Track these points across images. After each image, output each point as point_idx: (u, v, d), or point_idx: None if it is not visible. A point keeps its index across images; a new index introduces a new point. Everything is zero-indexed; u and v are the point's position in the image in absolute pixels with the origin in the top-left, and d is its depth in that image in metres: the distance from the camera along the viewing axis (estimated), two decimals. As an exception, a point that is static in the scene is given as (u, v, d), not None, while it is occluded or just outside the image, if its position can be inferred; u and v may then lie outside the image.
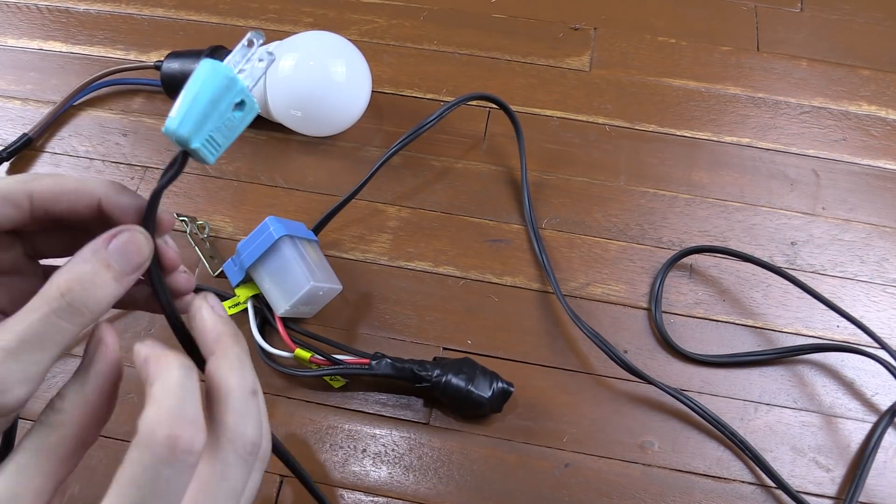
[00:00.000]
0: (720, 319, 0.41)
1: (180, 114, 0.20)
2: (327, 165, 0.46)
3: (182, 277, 0.24)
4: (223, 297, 0.40)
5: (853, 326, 0.40)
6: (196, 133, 0.21)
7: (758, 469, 0.37)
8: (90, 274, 0.20)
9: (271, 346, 0.38)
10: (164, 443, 0.18)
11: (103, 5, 0.53)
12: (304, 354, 0.38)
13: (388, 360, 0.37)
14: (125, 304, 0.24)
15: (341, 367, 0.37)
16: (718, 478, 0.37)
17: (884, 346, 0.39)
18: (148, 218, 0.22)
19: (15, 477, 0.19)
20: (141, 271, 0.21)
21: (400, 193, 0.45)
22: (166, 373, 0.20)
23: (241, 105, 0.22)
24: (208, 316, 0.22)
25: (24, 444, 0.19)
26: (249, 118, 0.22)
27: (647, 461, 0.37)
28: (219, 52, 0.45)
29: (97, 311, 0.20)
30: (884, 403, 0.39)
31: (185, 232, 0.43)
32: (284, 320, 0.39)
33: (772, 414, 0.39)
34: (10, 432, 0.27)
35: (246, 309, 0.39)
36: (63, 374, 0.39)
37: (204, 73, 0.21)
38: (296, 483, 0.36)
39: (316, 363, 0.38)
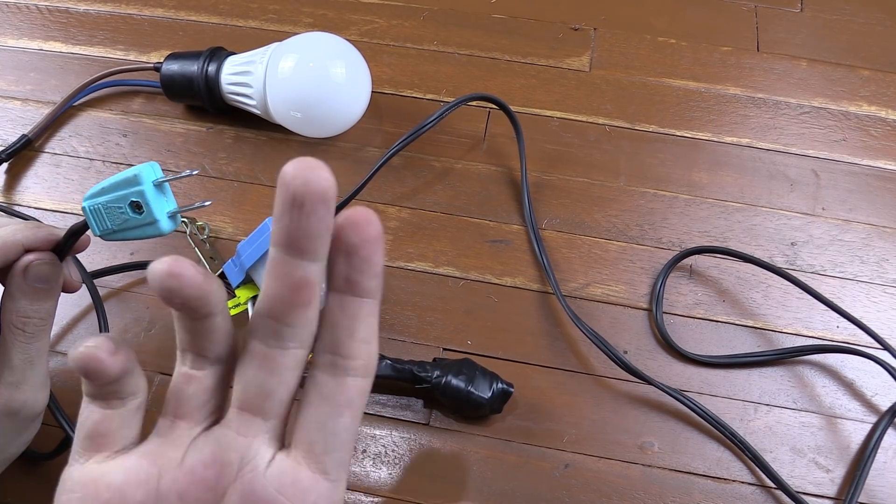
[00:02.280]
0: (720, 320, 0.41)
1: (97, 185, 0.25)
2: (327, 166, 0.46)
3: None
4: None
5: (853, 327, 0.40)
6: (90, 197, 0.25)
7: (757, 469, 0.37)
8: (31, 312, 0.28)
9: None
10: None
11: (103, 5, 0.53)
12: (305, 355, 0.38)
13: (388, 361, 0.37)
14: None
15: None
16: (718, 478, 0.37)
17: (884, 346, 0.39)
18: (63, 246, 0.28)
19: None
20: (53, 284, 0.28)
21: (400, 194, 0.45)
22: None
23: (139, 209, 0.24)
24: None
25: None
26: (150, 231, 0.25)
27: (646, 462, 0.37)
28: (218, 53, 0.45)
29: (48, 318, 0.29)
30: (884, 404, 0.39)
31: (185, 233, 0.43)
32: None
33: (772, 414, 0.39)
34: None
35: (246, 310, 0.39)
36: (59, 373, 0.39)
37: (136, 167, 0.24)
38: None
39: (316, 364, 0.38)
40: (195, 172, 0.25)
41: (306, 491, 0.20)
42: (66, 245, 0.28)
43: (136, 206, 0.24)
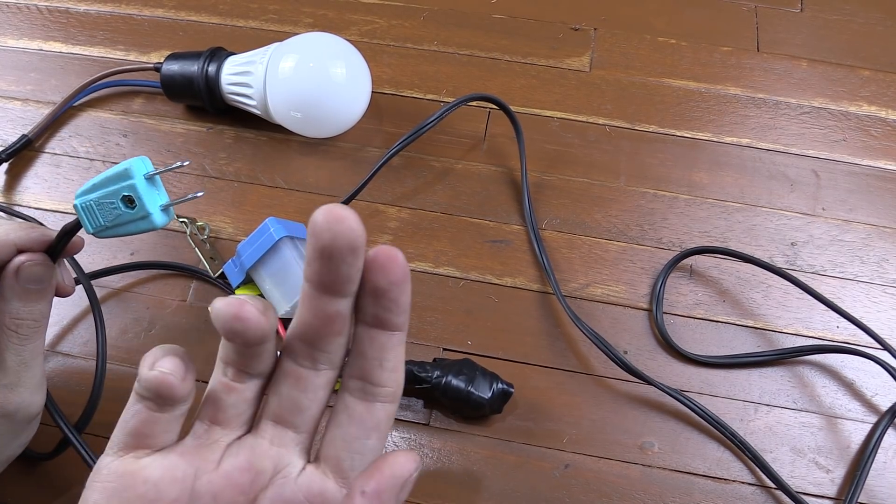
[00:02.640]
0: (720, 320, 0.41)
1: (88, 182, 0.25)
2: (327, 166, 0.46)
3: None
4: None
5: (853, 327, 0.40)
6: (81, 195, 0.25)
7: (758, 470, 0.37)
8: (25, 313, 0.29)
9: (271, 347, 0.38)
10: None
11: (103, 5, 0.53)
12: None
13: (389, 361, 0.37)
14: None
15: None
16: (718, 478, 0.37)
17: (884, 346, 0.39)
18: (56, 247, 0.28)
19: None
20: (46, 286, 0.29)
21: (400, 194, 0.45)
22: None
23: (131, 203, 0.24)
24: None
25: None
26: (143, 225, 0.25)
27: (646, 462, 0.37)
28: (218, 53, 0.45)
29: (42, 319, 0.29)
30: (884, 404, 0.39)
31: (186, 233, 0.43)
32: (285, 321, 0.39)
33: (772, 415, 0.39)
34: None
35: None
36: (60, 373, 0.39)
37: (126, 161, 0.24)
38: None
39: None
40: (186, 163, 0.26)
41: (333, 501, 0.21)
42: (59, 245, 0.28)
43: (129, 201, 0.24)
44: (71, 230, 0.27)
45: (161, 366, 0.20)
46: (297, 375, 0.21)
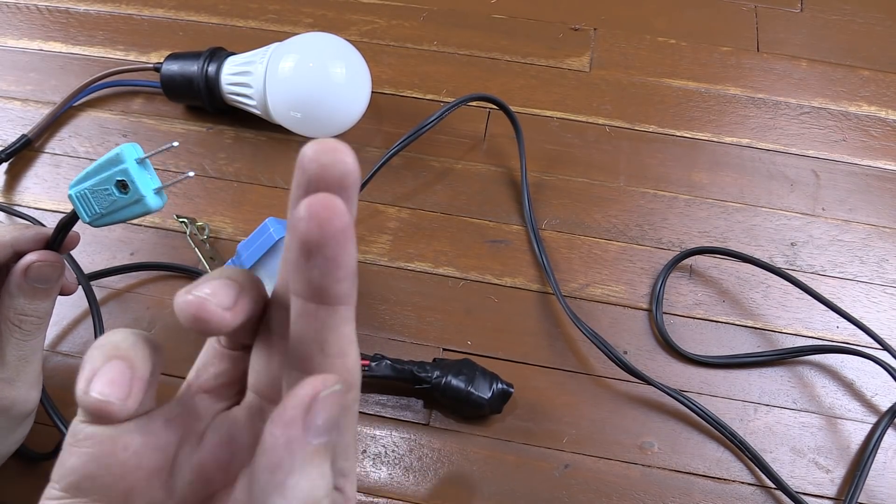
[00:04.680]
0: (720, 320, 0.41)
1: (81, 172, 0.25)
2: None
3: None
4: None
5: (853, 327, 0.40)
6: (75, 185, 0.25)
7: (757, 470, 0.37)
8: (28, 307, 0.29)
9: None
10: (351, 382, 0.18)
11: (103, 6, 0.53)
12: (304, 355, 0.38)
13: (388, 362, 0.37)
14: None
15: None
16: (718, 479, 0.37)
17: (884, 346, 0.39)
18: (54, 243, 0.29)
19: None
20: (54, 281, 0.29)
21: (400, 194, 0.45)
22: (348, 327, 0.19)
23: (125, 188, 0.25)
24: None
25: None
26: (138, 209, 0.25)
27: (646, 462, 0.37)
28: (218, 53, 0.45)
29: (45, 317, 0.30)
30: (883, 404, 0.39)
31: (185, 233, 0.43)
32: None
33: (771, 415, 0.39)
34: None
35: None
36: (60, 373, 0.39)
37: (117, 147, 0.24)
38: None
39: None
40: (175, 144, 0.26)
41: None
42: (57, 240, 0.29)
43: (122, 186, 0.25)
44: (68, 223, 0.28)
45: (96, 389, 0.17)
46: (280, 350, 0.19)
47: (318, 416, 0.16)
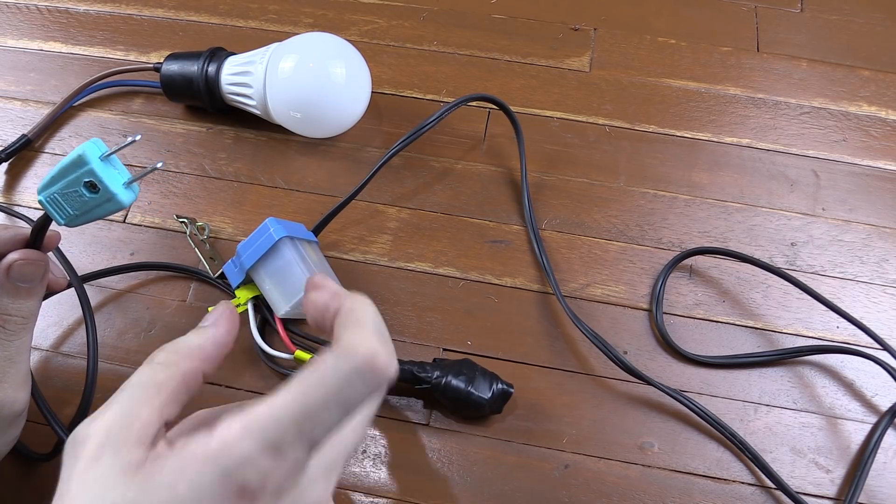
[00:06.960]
0: (720, 320, 0.41)
1: (46, 175, 0.25)
2: (327, 166, 0.46)
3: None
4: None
5: (853, 327, 0.40)
6: (44, 189, 0.25)
7: (757, 470, 0.37)
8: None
9: (272, 347, 0.38)
10: (365, 357, 0.19)
11: (103, 6, 0.53)
12: (305, 356, 0.38)
13: (388, 362, 0.37)
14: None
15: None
16: (718, 479, 0.37)
17: (884, 346, 0.39)
18: (32, 245, 0.29)
19: (128, 402, 0.21)
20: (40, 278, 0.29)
21: (400, 194, 0.45)
22: (364, 303, 0.21)
23: (94, 188, 0.24)
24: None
25: (132, 380, 0.22)
26: (111, 207, 0.25)
27: (646, 462, 0.37)
28: (218, 54, 0.45)
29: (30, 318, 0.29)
30: (884, 404, 0.39)
31: (185, 233, 0.43)
32: (285, 322, 0.39)
33: (771, 415, 0.39)
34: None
35: (246, 310, 0.39)
36: (61, 374, 0.39)
37: (79, 147, 0.24)
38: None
39: (316, 364, 0.38)
40: (138, 137, 0.25)
41: None
42: (35, 243, 0.28)
43: (91, 186, 0.24)
44: (42, 226, 0.27)
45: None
46: None
47: None
